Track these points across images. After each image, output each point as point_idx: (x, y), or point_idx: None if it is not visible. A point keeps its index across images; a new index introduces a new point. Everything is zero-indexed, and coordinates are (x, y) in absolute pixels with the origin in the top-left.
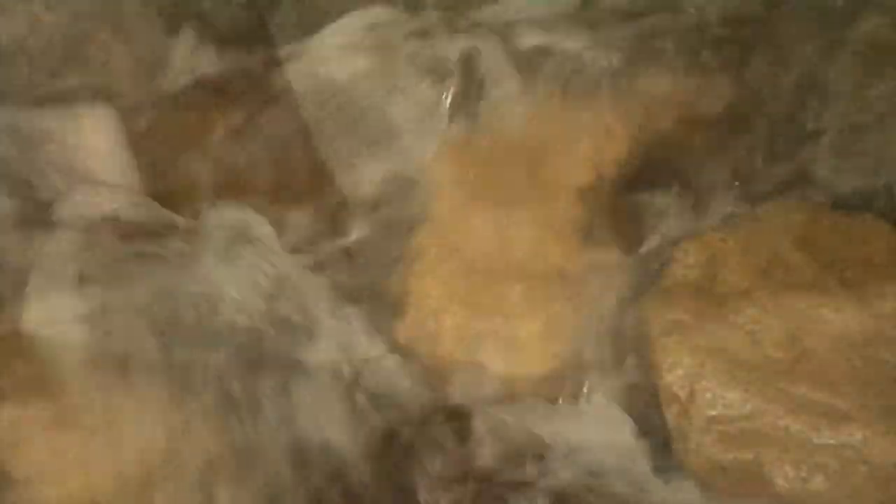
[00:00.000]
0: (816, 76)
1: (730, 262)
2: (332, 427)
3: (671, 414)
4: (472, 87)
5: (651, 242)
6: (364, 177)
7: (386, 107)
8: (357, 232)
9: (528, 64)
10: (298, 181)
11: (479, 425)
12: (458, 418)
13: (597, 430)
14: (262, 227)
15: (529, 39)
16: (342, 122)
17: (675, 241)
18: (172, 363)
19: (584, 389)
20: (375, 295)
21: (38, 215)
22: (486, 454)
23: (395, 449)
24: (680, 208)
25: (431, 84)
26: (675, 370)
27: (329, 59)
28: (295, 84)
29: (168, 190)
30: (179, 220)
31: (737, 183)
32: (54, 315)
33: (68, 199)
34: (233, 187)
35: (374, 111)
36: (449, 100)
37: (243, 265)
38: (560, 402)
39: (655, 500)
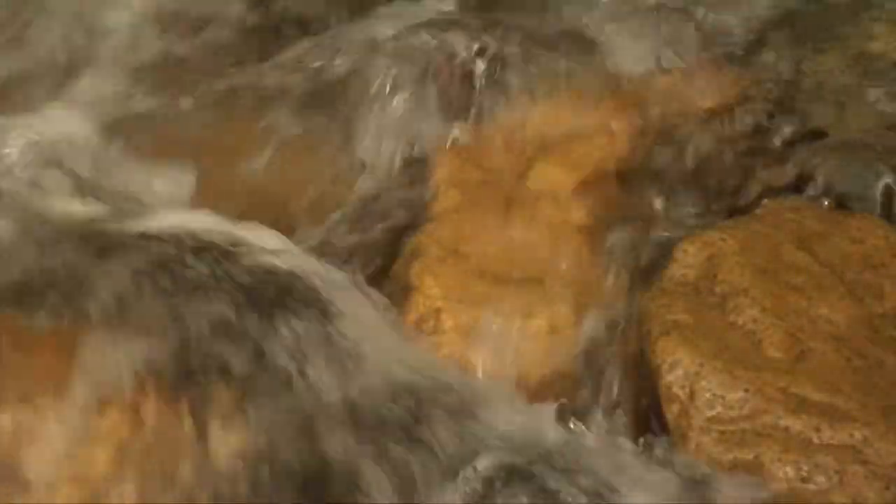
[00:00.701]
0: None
1: (730, 261)
2: None
3: (671, 414)
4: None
5: (651, 241)
6: None
7: None
8: None
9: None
10: None
11: None
12: None
13: None
14: None
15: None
16: None
17: (675, 241)
18: None
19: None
20: None
21: None
22: None
23: None
24: (680, 207)
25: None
26: (675, 370)
27: None
28: None
29: None
30: None
31: (737, 182)
32: None
33: None
34: None
35: None
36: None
37: None
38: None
39: None
